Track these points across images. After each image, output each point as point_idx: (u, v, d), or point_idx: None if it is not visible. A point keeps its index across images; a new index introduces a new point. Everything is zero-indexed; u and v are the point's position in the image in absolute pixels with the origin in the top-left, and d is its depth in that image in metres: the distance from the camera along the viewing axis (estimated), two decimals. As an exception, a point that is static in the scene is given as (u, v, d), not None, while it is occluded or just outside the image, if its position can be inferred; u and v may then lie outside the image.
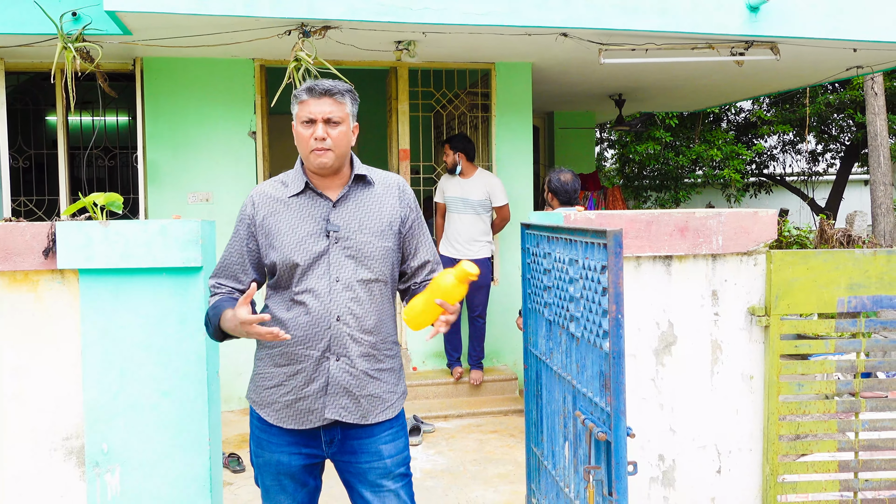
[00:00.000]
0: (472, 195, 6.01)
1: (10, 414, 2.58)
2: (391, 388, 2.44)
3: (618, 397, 2.08)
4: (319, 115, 2.30)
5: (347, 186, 2.38)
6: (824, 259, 3.01)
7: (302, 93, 2.33)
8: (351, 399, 2.34)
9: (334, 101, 2.32)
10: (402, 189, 2.48)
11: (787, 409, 3.05)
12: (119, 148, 6.78)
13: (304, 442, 2.39)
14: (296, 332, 2.32)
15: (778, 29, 5.24)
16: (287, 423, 2.35)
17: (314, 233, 2.33)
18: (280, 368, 2.36)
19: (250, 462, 2.51)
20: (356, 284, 2.33)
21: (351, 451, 2.40)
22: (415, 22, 4.71)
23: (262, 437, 2.42)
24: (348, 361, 2.33)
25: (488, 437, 5.34)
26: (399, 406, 2.47)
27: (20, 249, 2.53)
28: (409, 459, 2.49)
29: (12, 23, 4.83)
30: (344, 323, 2.31)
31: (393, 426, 2.44)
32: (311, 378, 2.33)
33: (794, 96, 13.90)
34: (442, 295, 2.19)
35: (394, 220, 2.41)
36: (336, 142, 2.31)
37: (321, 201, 2.36)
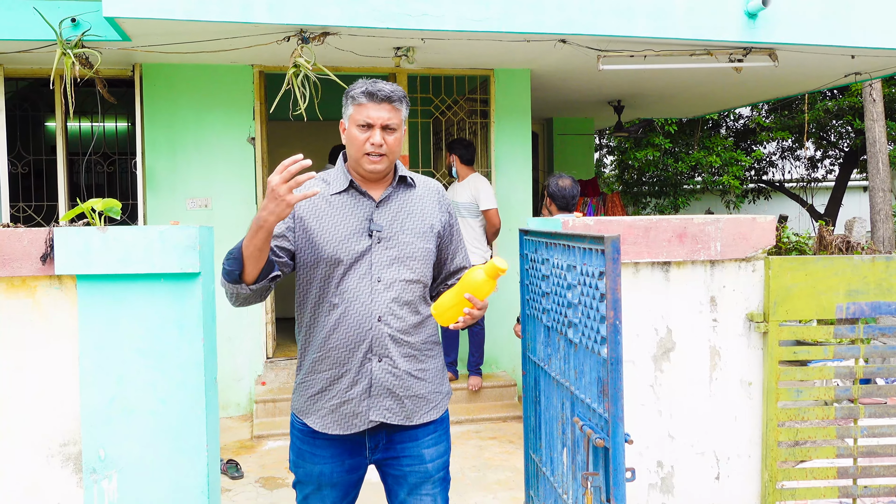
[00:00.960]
0: (459, 197, 5.98)
1: (7, 419, 2.57)
2: (435, 387, 2.44)
3: (616, 403, 2.07)
4: (378, 121, 2.29)
5: (391, 187, 2.38)
6: (823, 265, 3.01)
7: (361, 95, 2.30)
8: (395, 400, 2.34)
9: (393, 107, 2.31)
10: (442, 194, 2.51)
11: (785, 415, 3.05)
12: (118, 154, 6.78)
13: (348, 452, 2.39)
14: (337, 335, 2.30)
15: (776, 35, 5.26)
16: (332, 428, 2.34)
17: (357, 232, 2.32)
18: (323, 374, 2.34)
19: (290, 469, 2.51)
20: (398, 285, 2.32)
21: (394, 455, 2.40)
22: (413, 28, 4.72)
23: (305, 449, 2.41)
24: (391, 362, 2.32)
25: (487, 444, 5.33)
26: (444, 406, 2.47)
27: (18, 255, 2.53)
28: (448, 463, 2.50)
29: (11, 29, 4.84)
30: (385, 323, 2.31)
31: (437, 429, 2.45)
32: (355, 380, 2.31)
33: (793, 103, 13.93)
34: (472, 290, 2.20)
35: (434, 223, 2.42)
36: (391, 148, 2.32)
37: (364, 201, 2.35)
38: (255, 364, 6.08)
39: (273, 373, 6.06)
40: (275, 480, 4.66)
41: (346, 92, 2.37)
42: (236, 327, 5.98)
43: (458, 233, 2.54)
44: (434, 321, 2.45)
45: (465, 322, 2.22)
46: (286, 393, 5.82)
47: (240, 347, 6.02)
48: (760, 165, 15.97)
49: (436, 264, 2.48)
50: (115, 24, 4.60)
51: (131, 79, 5.92)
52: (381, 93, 2.29)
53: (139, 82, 5.84)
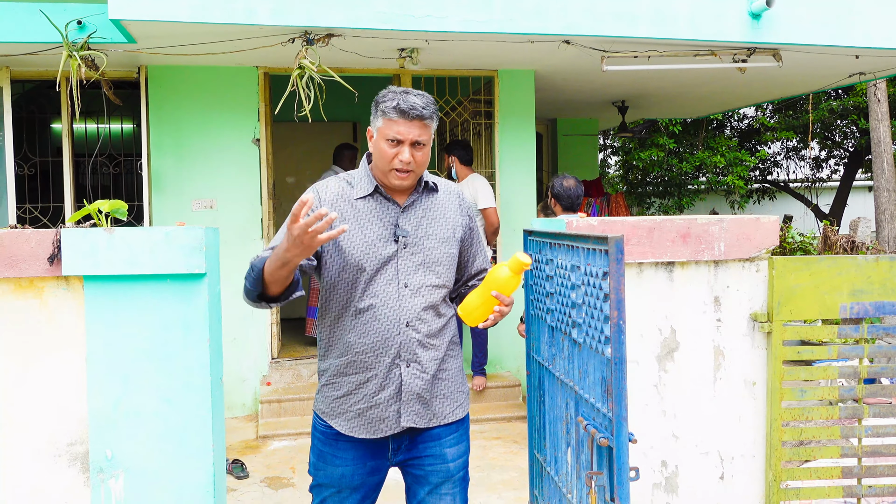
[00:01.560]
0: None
1: (14, 419, 2.59)
2: (458, 386, 2.46)
3: (620, 403, 2.08)
4: (408, 138, 2.26)
5: (416, 193, 2.39)
6: (827, 265, 3.02)
7: (392, 111, 2.25)
8: (423, 405, 2.36)
9: (424, 124, 2.28)
10: (462, 197, 2.51)
11: (789, 415, 3.05)
12: (124, 155, 6.81)
13: (370, 454, 2.39)
14: (365, 340, 2.30)
15: (780, 36, 5.26)
16: (359, 432, 2.34)
17: (383, 237, 2.32)
18: (350, 377, 2.35)
19: (308, 472, 2.51)
20: (424, 290, 2.33)
21: (416, 455, 2.42)
22: (417, 30, 4.74)
23: (326, 451, 2.42)
24: (419, 367, 2.34)
25: (492, 444, 5.34)
26: (466, 406, 2.50)
27: (25, 256, 2.54)
28: (468, 463, 2.52)
29: (18, 31, 4.87)
30: (413, 329, 2.32)
31: (458, 429, 2.47)
32: (383, 385, 2.32)
33: (798, 103, 13.91)
34: (498, 287, 2.21)
35: (457, 227, 2.44)
36: (419, 163, 2.31)
37: (390, 206, 2.35)
38: (261, 365, 6.10)
39: (278, 373, 6.08)
40: (280, 480, 4.68)
41: (375, 100, 2.33)
42: (242, 328, 5.99)
43: (478, 236, 2.55)
44: (454, 321, 2.47)
45: (494, 320, 2.24)
46: (291, 393, 5.83)
47: (245, 348, 6.04)
48: (765, 165, 15.95)
49: (457, 268, 2.49)
50: (120, 27, 4.62)
51: (137, 80, 5.95)
52: (414, 111, 2.24)
53: (145, 84, 5.87)
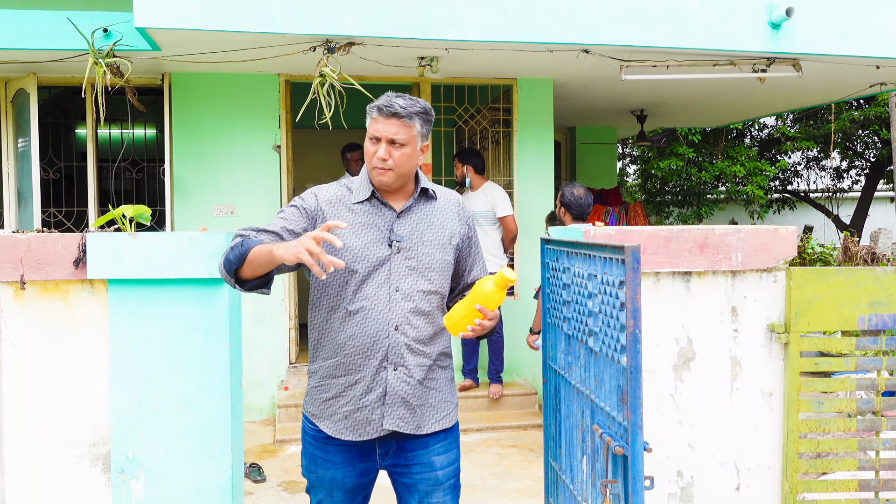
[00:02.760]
0: (476, 206, 6.03)
1: (39, 420, 2.64)
2: (446, 396, 2.47)
3: (635, 412, 2.09)
4: (385, 136, 2.31)
5: (412, 199, 2.42)
6: (845, 276, 3.01)
7: (373, 109, 2.33)
8: (408, 409, 2.37)
9: (402, 123, 2.31)
10: (462, 206, 2.53)
11: (806, 426, 3.04)
12: (146, 161, 6.90)
13: (358, 457, 2.41)
14: (354, 342, 2.33)
15: (800, 46, 5.24)
16: (345, 434, 2.37)
17: (377, 241, 2.35)
18: (338, 379, 2.37)
19: (302, 475, 2.54)
20: (416, 295, 2.35)
21: (404, 463, 2.43)
22: (437, 38, 4.77)
23: (317, 454, 2.44)
24: (406, 371, 2.35)
25: (507, 452, 5.34)
26: (454, 416, 2.50)
27: (52, 259, 2.60)
28: (459, 471, 2.52)
29: (46, 39, 4.96)
30: (402, 333, 2.34)
31: (447, 437, 2.47)
32: (370, 388, 2.34)
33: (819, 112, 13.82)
34: (482, 301, 2.22)
35: (454, 234, 2.45)
36: (397, 163, 2.32)
37: (386, 211, 2.39)
38: (279, 369, 6.14)
39: (296, 378, 6.12)
40: (296, 484, 4.71)
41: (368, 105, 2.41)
42: (260, 333, 6.04)
43: (476, 245, 2.56)
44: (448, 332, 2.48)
45: (474, 332, 2.24)
46: (308, 398, 5.86)
47: (263, 352, 6.08)
48: (785, 175, 15.85)
49: (454, 276, 2.50)
50: (145, 35, 4.69)
51: (160, 87, 6.03)
52: (390, 108, 2.30)
53: (168, 91, 5.95)
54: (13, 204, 6.10)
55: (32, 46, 4.98)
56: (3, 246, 2.58)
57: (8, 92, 6.03)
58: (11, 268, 2.58)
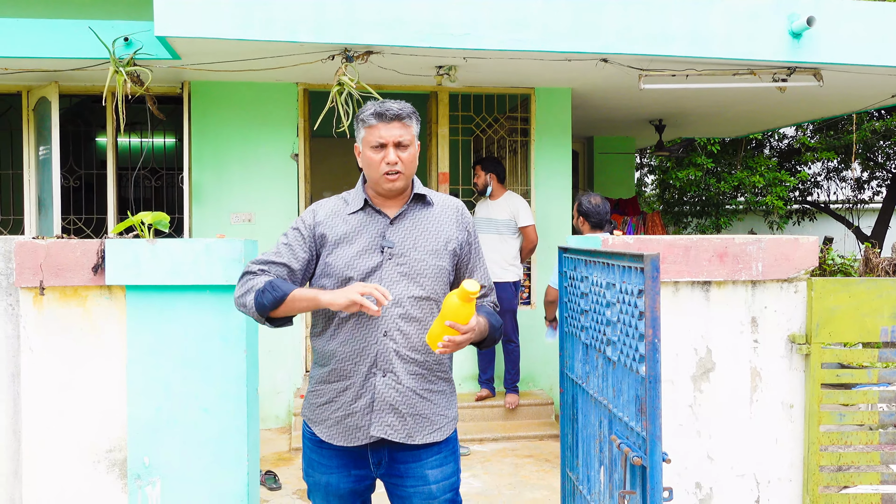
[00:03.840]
0: (497, 215, 6.03)
1: (56, 425, 2.65)
2: (441, 410, 2.44)
3: (654, 422, 2.07)
4: (390, 140, 2.33)
5: (406, 205, 2.42)
6: (867, 287, 2.97)
7: (370, 117, 2.34)
8: (397, 417, 2.35)
9: (403, 124, 2.35)
10: (461, 212, 2.52)
11: (828, 439, 3.00)
12: (166, 169, 6.96)
13: (353, 463, 2.41)
14: (345, 348, 2.34)
15: (821, 55, 5.21)
16: (337, 439, 2.38)
17: (369, 248, 2.36)
18: (331, 385, 2.38)
19: (303, 479, 2.54)
20: (406, 301, 2.34)
21: (398, 475, 2.41)
22: (456, 47, 4.78)
23: (314, 458, 2.45)
24: (394, 378, 2.34)
25: (523, 462, 5.31)
26: (449, 430, 2.46)
27: (70, 265, 2.61)
28: (457, 485, 2.48)
29: (67, 47, 5.02)
30: (391, 339, 2.33)
31: (441, 451, 2.44)
32: (359, 394, 2.34)
33: (839, 123, 13.71)
34: (451, 316, 2.19)
35: (450, 240, 2.44)
36: (406, 164, 2.36)
37: (379, 218, 2.40)
38: (295, 377, 6.15)
39: (312, 386, 6.12)
40: (312, 493, 4.70)
41: (356, 117, 2.42)
42: (277, 341, 6.05)
43: (477, 251, 2.53)
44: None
45: (446, 348, 2.20)
46: (324, 406, 5.86)
47: (280, 361, 6.09)
48: (805, 186, 15.71)
49: (453, 283, 2.49)
50: (165, 43, 4.74)
51: (180, 96, 6.08)
52: (390, 112, 2.33)
53: (188, 99, 5.99)
54: (34, 211, 6.16)
55: (54, 55, 5.04)
56: (23, 252, 2.60)
57: (30, 100, 6.10)
58: (31, 273, 2.60)
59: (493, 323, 2.43)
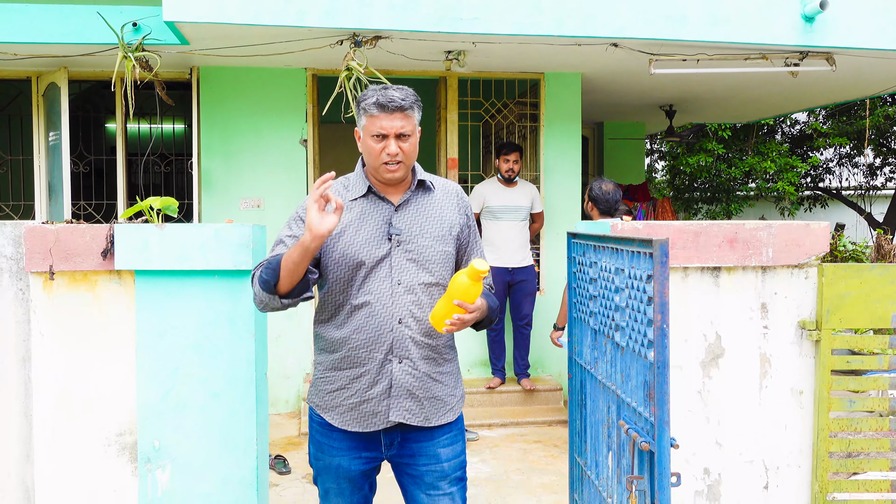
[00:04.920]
0: (521, 202, 6.06)
1: (67, 408, 2.67)
2: (451, 390, 2.47)
3: (662, 407, 2.06)
4: (392, 131, 2.31)
5: (409, 192, 2.42)
6: (879, 273, 2.95)
7: (372, 107, 2.31)
8: (414, 401, 2.38)
9: (405, 115, 2.32)
10: (460, 196, 2.53)
11: (837, 425, 2.99)
12: (175, 155, 6.96)
13: (364, 446, 2.43)
14: (358, 336, 2.34)
15: (834, 39, 5.15)
16: (351, 425, 2.38)
17: (377, 236, 2.35)
18: (342, 372, 2.38)
19: (309, 464, 2.55)
20: (417, 288, 2.35)
21: (410, 454, 2.43)
22: (465, 32, 4.75)
23: (323, 442, 2.45)
24: (411, 364, 2.36)
25: (532, 447, 5.32)
26: (459, 409, 2.50)
27: (80, 250, 2.62)
28: (465, 463, 2.52)
29: (76, 33, 5.02)
30: (406, 326, 2.34)
31: (452, 430, 2.48)
32: (375, 381, 2.35)
33: (852, 108, 13.58)
34: (459, 295, 2.21)
35: (453, 225, 2.45)
36: (407, 154, 2.34)
37: (383, 205, 2.39)
38: (304, 362, 6.17)
39: (321, 372, 6.14)
40: (321, 477, 4.73)
41: (357, 101, 2.39)
42: (285, 326, 6.07)
43: (475, 234, 2.54)
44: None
45: (455, 328, 2.23)
46: (333, 392, 5.89)
47: (289, 346, 6.11)
48: (817, 172, 15.60)
49: (455, 267, 2.50)
50: (174, 28, 4.73)
51: (189, 81, 6.07)
52: (393, 103, 2.30)
53: (196, 85, 5.99)
54: (44, 197, 6.18)
55: (63, 41, 5.04)
56: (32, 236, 2.61)
57: (39, 86, 6.11)
58: (41, 258, 2.61)
59: (490, 305, 2.44)
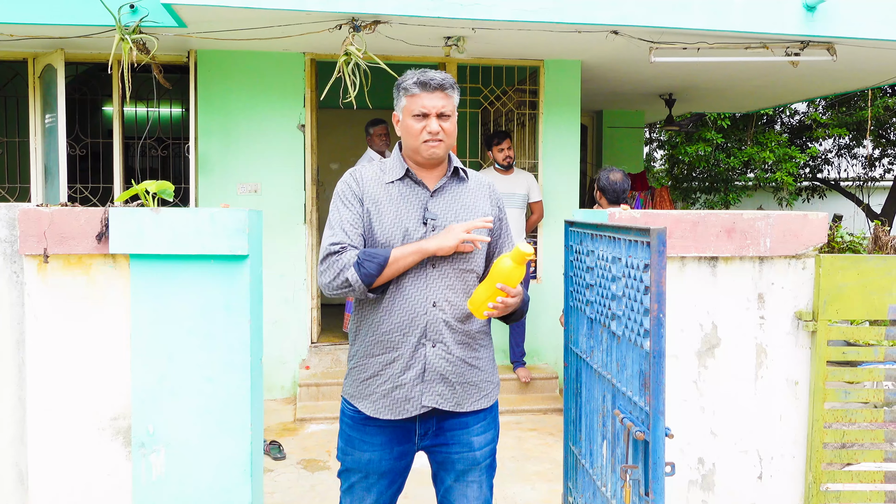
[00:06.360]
0: (518, 189, 6.06)
1: (61, 392, 2.66)
2: (487, 376, 2.48)
3: (657, 397, 2.06)
4: (433, 110, 2.34)
5: (445, 178, 2.43)
6: (876, 264, 2.95)
7: (413, 86, 2.35)
8: (447, 386, 2.38)
9: (445, 94, 2.36)
10: (493, 189, 2.55)
11: (832, 416, 2.99)
12: (172, 138, 6.93)
13: (397, 439, 2.42)
14: (392, 319, 2.35)
15: (835, 29, 5.13)
16: (384, 413, 2.38)
17: (412, 219, 2.37)
18: (376, 358, 2.39)
19: (336, 458, 2.55)
20: (451, 272, 2.37)
21: (444, 441, 2.44)
22: (465, 18, 4.72)
23: (354, 436, 2.45)
24: (444, 348, 2.36)
25: (527, 435, 5.33)
26: (494, 396, 2.51)
27: (75, 233, 2.60)
28: (495, 451, 2.53)
29: (73, 14, 4.97)
30: (440, 309, 2.35)
31: (486, 417, 2.49)
32: (408, 365, 2.35)
33: (852, 99, 13.56)
34: (503, 279, 2.23)
35: (486, 216, 2.45)
36: (448, 134, 2.37)
37: (419, 189, 2.41)
38: (300, 348, 6.17)
39: (317, 357, 6.14)
40: (316, 463, 4.74)
41: (397, 84, 2.41)
42: (282, 312, 6.07)
43: (507, 226, 2.57)
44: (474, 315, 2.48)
45: (497, 310, 2.25)
46: (329, 377, 5.89)
47: (285, 331, 6.11)
48: (815, 163, 15.59)
49: (486, 258, 2.51)
50: (171, 11, 4.69)
51: (186, 65, 6.03)
52: (434, 81, 2.34)
53: (194, 68, 5.95)
54: (40, 179, 6.15)
55: (60, 22, 5.00)
56: (27, 219, 2.59)
57: (36, 68, 6.07)
58: (35, 241, 2.59)
59: (524, 297, 2.46)
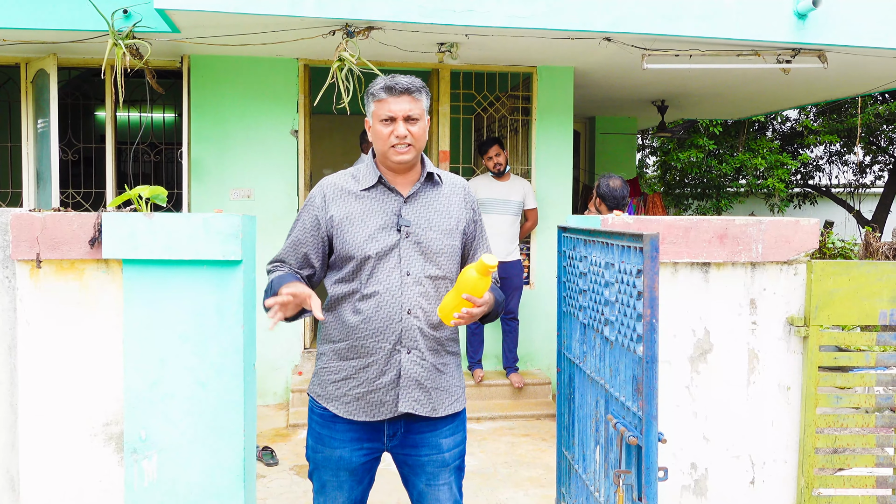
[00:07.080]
0: (513, 196, 6.06)
1: (53, 397, 2.65)
2: (455, 381, 2.50)
3: (650, 402, 2.07)
4: (400, 114, 2.34)
5: (419, 184, 2.43)
6: (867, 270, 2.96)
7: (380, 91, 2.36)
8: (423, 392, 2.39)
9: (413, 98, 2.36)
10: (467, 191, 2.55)
11: (824, 421, 3.00)
12: (165, 144, 6.92)
13: (366, 437, 2.44)
14: (367, 325, 2.35)
15: (826, 37, 5.16)
16: (358, 415, 2.40)
17: (386, 226, 2.37)
18: (348, 362, 2.40)
19: (306, 457, 2.55)
20: (425, 279, 2.38)
21: (412, 444, 2.45)
22: (458, 24, 4.74)
23: (324, 433, 2.46)
24: (419, 354, 2.38)
25: (520, 441, 5.33)
26: (463, 400, 2.53)
27: (67, 238, 2.60)
28: (464, 452, 2.55)
29: (66, 19, 4.97)
30: (415, 316, 2.36)
31: (454, 420, 2.50)
32: (383, 370, 2.37)
33: (842, 106, 13.63)
34: (468, 290, 2.23)
35: (460, 220, 2.47)
36: (416, 138, 2.37)
37: (393, 196, 2.41)
38: (293, 354, 6.16)
39: (310, 363, 6.13)
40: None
41: (366, 91, 2.44)
42: (275, 317, 6.05)
43: (482, 229, 2.58)
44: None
45: (462, 319, 2.25)
46: (322, 383, 5.88)
47: (278, 337, 6.10)
48: (807, 169, 15.66)
49: (461, 260, 2.52)
50: (165, 16, 4.69)
51: (179, 70, 6.03)
52: (400, 85, 2.35)
53: (187, 74, 5.95)
54: (32, 184, 6.13)
55: (52, 27, 4.99)
56: (19, 224, 2.58)
57: (28, 73, 6.06)
58: (28, 246, 2.59)
59: (497, 298, 2.47)
